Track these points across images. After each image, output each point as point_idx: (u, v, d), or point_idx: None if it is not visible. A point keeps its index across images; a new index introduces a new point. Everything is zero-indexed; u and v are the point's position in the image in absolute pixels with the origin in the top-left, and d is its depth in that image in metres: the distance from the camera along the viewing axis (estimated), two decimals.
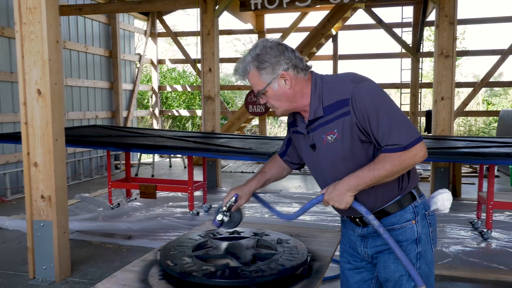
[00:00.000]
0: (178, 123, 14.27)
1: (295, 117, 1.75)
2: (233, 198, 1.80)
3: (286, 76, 1.57)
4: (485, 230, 4.45)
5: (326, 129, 1.59)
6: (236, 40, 20.15)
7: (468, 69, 19.18)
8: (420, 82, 9.72)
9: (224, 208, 1.80)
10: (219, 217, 1.80)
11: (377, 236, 1.67)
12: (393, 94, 13.94)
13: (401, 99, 10.28)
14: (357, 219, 1.69)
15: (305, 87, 1.61)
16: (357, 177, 1.52)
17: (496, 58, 9.02)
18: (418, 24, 9.18)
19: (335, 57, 10.13)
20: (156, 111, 11.48)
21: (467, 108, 9.81)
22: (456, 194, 6.30)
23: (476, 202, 5.04)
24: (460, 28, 14.41)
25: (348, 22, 9.67)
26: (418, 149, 1.48)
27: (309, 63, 1.69)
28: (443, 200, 1.66)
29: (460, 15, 6.21)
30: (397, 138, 1.47)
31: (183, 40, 12.09)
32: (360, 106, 1.50)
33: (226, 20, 15.70)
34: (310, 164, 1.75)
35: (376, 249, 1.69)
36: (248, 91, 9.50)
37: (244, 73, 1.62)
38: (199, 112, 11.05)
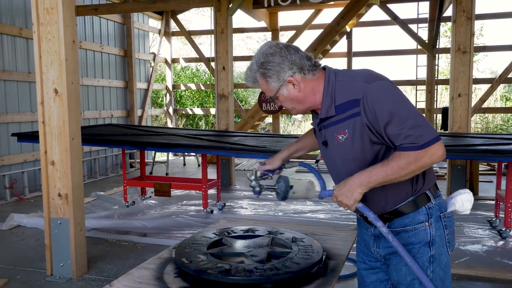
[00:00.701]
0: (191, 121, 14.34)
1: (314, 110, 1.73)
2: (257, 167, 1.86)
3: (293, 81, 1.55)
4: (503, 229, 4.37)
5: (337, 128, 1.56)
6: (248, 38, 20.14)
7: (486, 65, 18.82)
8: (436, 78, 9.58)
9: (252, 177, 1.84)
10: (252, 184, 1.83)
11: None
12: (408, 91, 13.77)
13: (417, 96, 10.14)
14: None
15: (317, 85, 1.58)
16: (369, 172, 1.47)
17: None
18: (434, 20, 9.04)
19: (349, 54, 10.03)
20: (170, 110, 11.55)
21: (485, 105, 9.63)
22: (473, 192, 6.19)
23: (494, 201, 4.95)
24: (477, 24, 14.15)
25: (363, 19, 9.57)
26: (436, 148, 1.41)
27: (323, 60, 1.67)
28: (462, 201, 1.59)
29: (477, 10, 6.09)
30: (413, 137, 1.41)
31: (197, 39, 12.13)
32: (372, 107, 1.45)
33: (239, 18, 15.73)
34: (324, 158, 1.74)
35: (388, 250, 1.66)
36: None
37: (253, 82, 1.62)
38: (212, 111, 11.08)
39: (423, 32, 9.76)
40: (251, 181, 1.84)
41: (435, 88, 9.65)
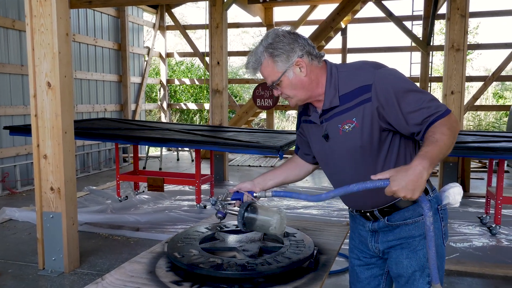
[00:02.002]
0: (186, 116, 14.30)
1: (307, 106, 1.69)
2: (227, 192, 1.71)
3: (302, 63, 1.52)
4: (493, 226, 4.42)
5: (342, 118, 1.53)
6: (244, 33, 20.08)
7: (480, 63, 18.94)
8: (430, 76, 9.62)
9: (219, 199, 1.69)
10: (216, 205, 1.68)
11: (388, 231, 1.65)
12: None
13: None
14: (368, 213, 1.66)
15: (320, 75, 1.56)
16: (426, 154, 1.32)
17: (508, 51, 8.90)
18: (429, 17, 9.06)
19: (344, 51, 10.05)
20: (164, 105, 11.52)
21: (478, 103, 9.70)
22: (465, 189, 6.25)
23: (485, 198, 5.00)
24: (473, 22, 14.22)
25: (358, 15, 9.58)
26: (454, 115, 1.45)
27: (324, 54, 1.63)
28: (454, 194, 1.62)
29: (472, 8, 6.12)
30: (433, 108, 1.42)
31: (193, 34, 12.08)
32: (385, 90, 1.45)
33: (234, 13, 15.67)
34: (320, 155, 1.69)
35: (387, 244, 1.67)
36: (256, 84, 9.48)
37: (256, 65, 1.55)
38: (207, 106, 11.06)
39: (418, 29, 9.80)
40: (217, 202, 1.69)
41: (429, 85, 9.70)
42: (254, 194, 1.69)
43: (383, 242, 1.68)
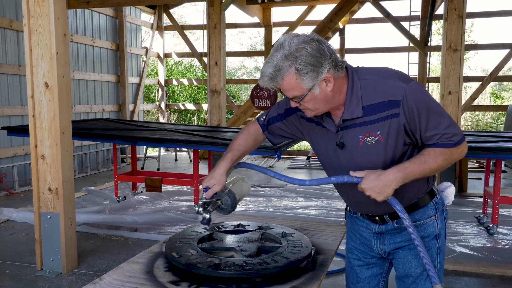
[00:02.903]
0: (184, 117, 14.29)
1: None
2: (203, 193, 1.64)
3: (330, 78, 1.41)
4: (491, 225, 4.43)
5: (365, 130, 1.47)
6: (241, 33, 20.09)
7: (477, 63, 18.99)
8: (427, 76, 9.65)
9: (199, 209, 1.63)
10: (200, 217, 1.63)
11: (396, 233, 1.65)
12: None
13: None
14: (377, 217, 1.66)
15: (342, 84, 1.46)
16: (405, 169, 1.42)
17: (505, 52, 8.92)
18: (427, 18, 9.09)
19: (342, 51, 10.07)
20: (162, 105, 11.51)
21: (475, 103, 9.72)
22: (462, 189, 6.27)
23: (482, 197, 5.02)
24: (468, 22, 14.24)
25: (356, 16, 9.59)
26: (464, 145, 1.48)
27: (345, 61, 1.51)
28: (451, 193, 1.68)
29: (469, 8, 6.14)
30: (448, 136, 1.44)
31: (192, 34, 12.07)
32: (412, 107, 1.41)
33: (231, 13, 15.68)
34: (328, 159, 1.63)
35: (395, 245, 1.67)
36: (254, 85, 9.48)
37: (276, 77, 1.38)
38: (205, 106, 11.06)
39: (415, 29, 9.82)
40: (201, 213, 1.61)
41: (427, 85, 9.72)
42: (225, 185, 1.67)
43: (390, 244, 1.68)
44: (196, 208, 1.64)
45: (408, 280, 1.66)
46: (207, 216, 1.63)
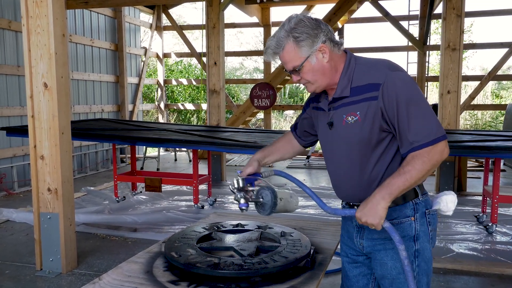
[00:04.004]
0: (183, 116, 14.30)
1: (319, 93, 1.70)
2: (237, 179, 1.68)
3: (325, 49, 1.53)
4: (490, 224, 4.44)
5: (348, 109, 1.56)
6: (240, 33, 20.10)
7: (476, 62, 19.01)
8: (426, 75, 9.66)
9: (235, 188, 1.66)
10: (237, 196, 1.66)
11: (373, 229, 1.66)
12: None
13: None
14: (356, 207, 1.65)
15: (339, 63, 1.58)
16: (388, 184, 1.47)
17: (504, 51, 8.93)
18: (425, 17, 9.09)
19: None
20: (162, 105, 11.51)
21: (474, 102, 9.73)
22: (461, 188, 6.28)
23: (481, 196, 5.02)
24: (467, 21, 14.26)
25: (354, 15, 9.59)
26: (444, 145, 1.46)
27: (343, 42, 1.63)
28: (446, 201, 1.63)
29: (467, 8, 6.15)
30: (426, 131, 1.45)
31: (191, 34, 12.06)
32: (391, 94, 1.47)
33: (230, 12, 15.67)
34: (324, 143, 1.72)
35: (372, 242, 1.67)
36: (253, 84, 9.48)
37: (278, 49, 1.53)
38: (204, 106, 11.06)
39: (414, 29, 9.82)
40: (235, 193, 1.66)
41: (426, 85, 9.73)
42: (262, 176, 1.73)
43: (368, 239, 1.68)
44: (234, 189, 1.68)
45: (385, 283, 1.65)
46: (243, 198, 1.65)
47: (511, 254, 3.88)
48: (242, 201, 1.66)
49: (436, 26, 13.42)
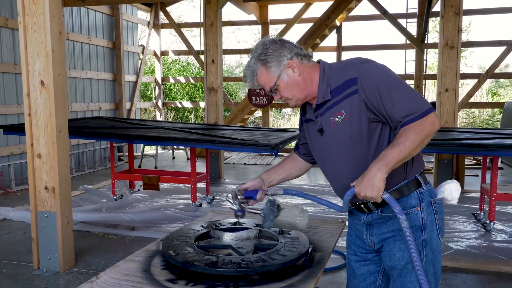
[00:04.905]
0: (181, 115, 14.27)
1: (305, 106, 1.77)
2: (235, 191, 1.77)
3: (293, 64, 1.61)
4: (487, 222, 4.45)
5: (333, 111, 1.61)
6: (238, 31, 20.07)
7: (474, 60, 19.05)
8: (424, 73, 9.66)
9: (232, 198, 1.76)
10: (233, 205, 1.75)
11: (381, 223, 1.67)
12: None
13: None
14: (362, 205, 1.69)
15: (313, 73, 1.64)
16: (383, 156, 1.48)
17: (502, 49, 8.94)
18: (423, 15, 9.09)
19: (339, 49, 10.07)
20: (159, 103, 11.48)
21: (472, 100, 9.75)
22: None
23: (479, 194, 5.03)
24: (465, 20, 14.27)
25: (353, 13, 9.59)
26: (434, 116, 1.49)
27: (313, 54, 1.73)
28: (450, 189, 1.64)
29: (465, 6, 6.15)
30: (412, 108, 1.48)
31: (189, 32, 12.02)
32: (369, 83, 1.52)
33: (227, 10, 15.63)
34: (318, 152, 1.75)
35: (382, 236, 1.69)
36: None
37: (253, 76, 1.65)
38: (202, 104, 11.05)
39: (412, 27, 9.82)
40: (231, 203, 1.75)
41: (423, 83, 9.73)
42: (266, 193, 1.76)
43: (377, 234, 1.70)
44: (230, 199, 1.77)
45: (394, 273, 1.66)
46: (238, 206, 1.73)
47: (508, 252, 3.89)
48: (236, 207, 1.74)
49: (434, 24, 13.43)
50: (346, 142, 1.60)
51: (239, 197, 1.76)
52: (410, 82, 9.95)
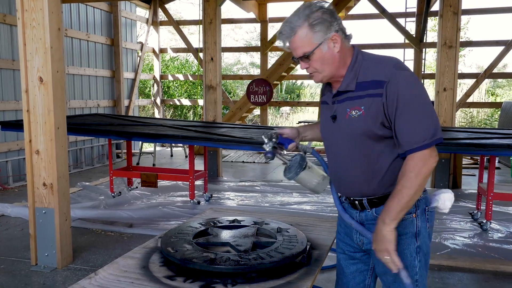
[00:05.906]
0: (179, 112, 14.26)
1: (326, 86, 1.73)
2: (271, 132, 1.76)
3: (337, 38, 1.55)
4: (484, 221, 4.47)
5: (353, 103, 1.56)
6: (237, 28, 20.04)
7: (472, 60, 19.08)
8: (423, 73, 9.67)
9: (266, 139, 1.75)
10: (266, 145, 1.74)
11: (373, 225, 1.65)
12: None
13: None
14: (356, 202, 1.67)
15: (347, 57, 1.60)
16: (386, 210, 1.51)
17: (500, 49, 8.96)
18: (422, 14, 9.10)
19: None
20: (158, 100, 11.47)
21: (470, 100, 9.77)
22: (456, 185, 6.31)
23: (476, 194, 5.05)
24: (463, 19, 14.29)
25: (351, 12, 9.59)
26: (428, 154, 1.47)
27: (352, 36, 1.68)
28: (444, 199, 1.66)
29: (464, 5, 6.16)
30: (422, 136, 1.46)
31: (188, 29, 11.99)
32: (394, 93, 1.48)
33: (226, 8, 15.59)
34: (326, 136, 1.73)
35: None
36: (250, 80, 9.47)
37: (291, 33, 1.53)
38: (200, 102, 11.04)
39: (411, 26, 9.83)
40: (265, 143, 1.75)
41: (422, 82, 9.75)
42: (298, 146, 1.78)
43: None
44: (265, 139, 1.76)
45: (387, 279, 1.65)
46: (270, 148, 1.72)
47: (505, 251, 3.91)
48: (268, 149, 1.73)
49: (433, 23, 13.44)
50: (356, 136, 1.57)
51: (273, 139, 1.74)
52: None
